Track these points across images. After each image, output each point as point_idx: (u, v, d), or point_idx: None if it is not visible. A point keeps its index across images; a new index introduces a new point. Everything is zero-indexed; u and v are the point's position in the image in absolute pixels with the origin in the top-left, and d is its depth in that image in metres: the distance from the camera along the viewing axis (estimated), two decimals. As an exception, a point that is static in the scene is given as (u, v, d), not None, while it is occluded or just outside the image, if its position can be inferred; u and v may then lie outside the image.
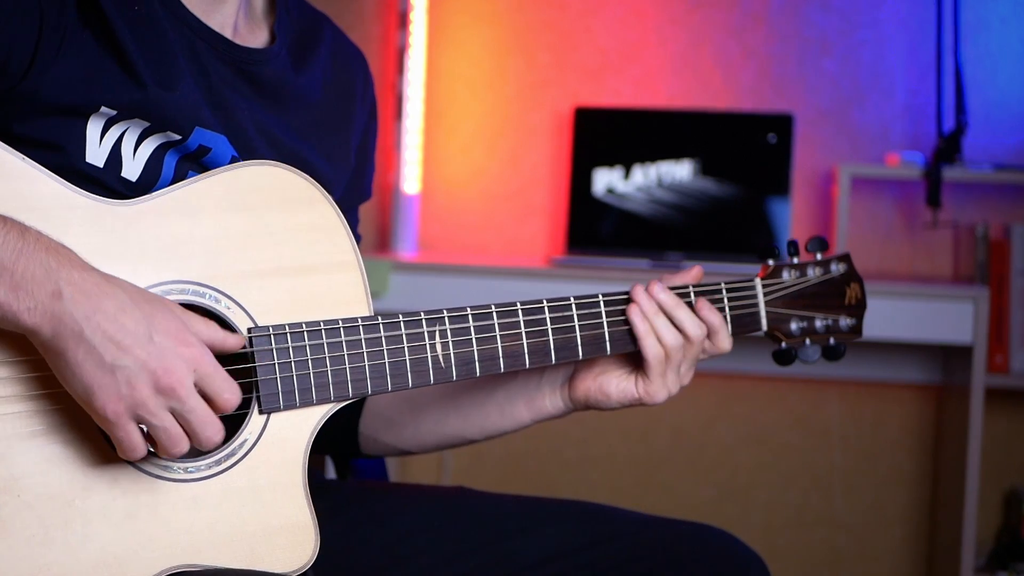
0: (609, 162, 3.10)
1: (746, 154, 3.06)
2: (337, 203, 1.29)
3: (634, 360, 1.43)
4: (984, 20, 3.07)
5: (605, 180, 3.10)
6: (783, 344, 1.47)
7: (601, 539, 1.40)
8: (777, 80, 3.17)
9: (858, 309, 1.50)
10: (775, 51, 3.17)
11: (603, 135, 3.13)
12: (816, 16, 3.16)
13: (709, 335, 1.41)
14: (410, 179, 3.19)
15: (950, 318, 2.76)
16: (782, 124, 3.03)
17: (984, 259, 2.99)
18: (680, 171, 3.08)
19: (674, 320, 1.39)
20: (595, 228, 3.10)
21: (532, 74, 3.24)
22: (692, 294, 1.42)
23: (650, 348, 1.38)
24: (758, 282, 1.46)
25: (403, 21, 3.18)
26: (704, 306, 1.41)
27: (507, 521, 1.43)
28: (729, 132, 3.08)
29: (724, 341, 1.42)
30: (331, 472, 1.80)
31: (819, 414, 3.21)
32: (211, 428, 1.13)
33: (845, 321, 1.49)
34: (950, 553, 2.92)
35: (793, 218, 3.09)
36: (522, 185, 3.26)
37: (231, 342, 1.18)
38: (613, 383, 1.42)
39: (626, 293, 1.40)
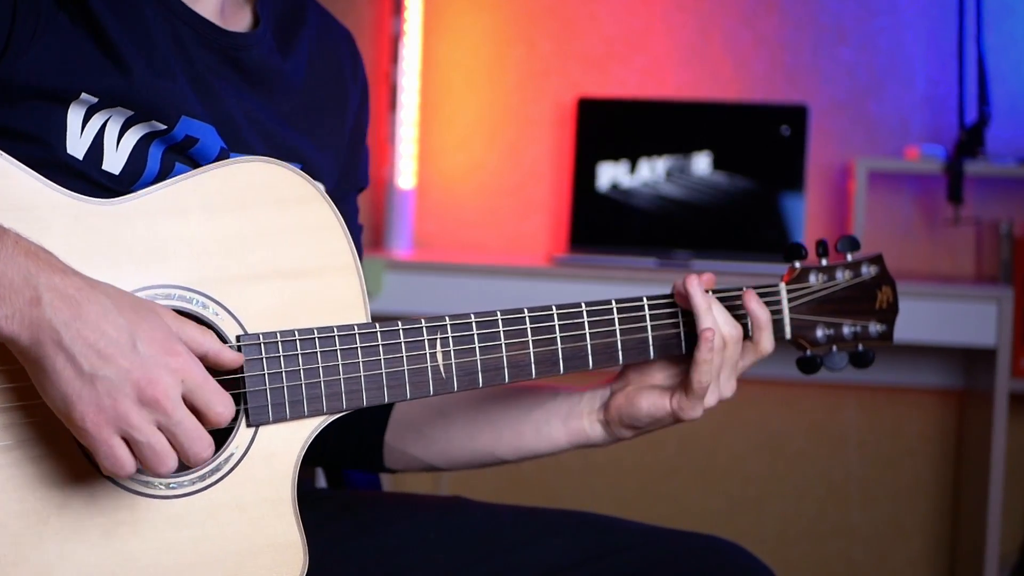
0: (614, 156, 3.10)
1: (758, 147, 3.05)
2: (330, 193, 1.27)
3: (670, 373, 1.41)
4: (1008, 6, 3.07)
5: (610, 175, 3.10)
6: (808, 352, 1.45)
7: (606, 551, 1.38)
8: (790, 69, 3.17)
9: (889, 314, 1.48)
10: (788, 39, 3.16)
11: (608, 127, 3.12)
12: (831, 2, 3.16)
13: (752, 334, 1.38)
14: (405, 174, 3.19)
15: (972, 319, 2.76)
16: (796, 116, 3.02)
17: (1008, 258, 2.98)
18: (688, 165, 3.07)
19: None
20: (599, 225, 3.09)
21: (533, 63, 3.24)
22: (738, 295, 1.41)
23: (704, 375, 1.35)
24: (783, 287, 1.43)
25: (397, 7, 3.18)
26: (752, 298, 1.38)
27: (507, 533, 1.41)
28: (740, 124, 3.08)
29: (767, 341, 1.39)
30: (321, 481, 1.79)
31: (835, 420, 3.21)
32: (199, 444, 1.10)
33: (875, 327, 1.47)
34: (972, 566, 2.92)
35: (807, 214, 3.08)
36: (522, 180, 3.25)
37: (226, 356, 1.16)
38: (644, 395, 1.40)
39: (640, 299, 1.37)
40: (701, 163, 3.08)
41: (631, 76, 3.21)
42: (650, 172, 3.09)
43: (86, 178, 1.21)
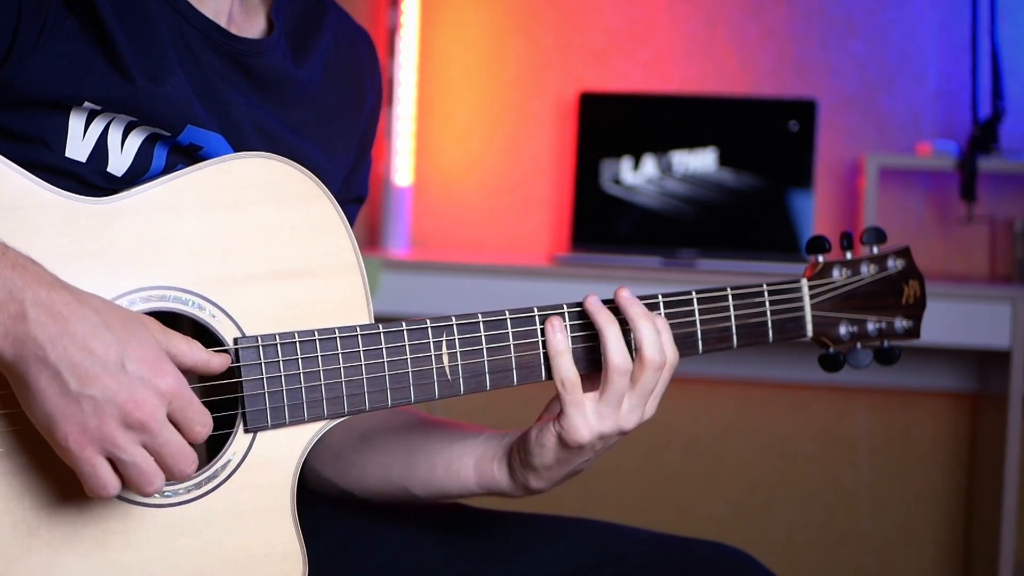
0: (617, 152, 3.09)
1: (765, 143, 3.06)
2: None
3: None
4: (1023, -2, 3.07)
5: (613, 171, 3.09)
6: (830, 349, 1.44)
7: (609, 559, 1.38)
8: (799, 63, 3.16)
9: (916, 309, 1.47)
10: (797, 31, 3.16)
11: (610, 123, 3.12)
12: (841, -7, 3.16)
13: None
14: (402, 170, 3.18)
15: (986, 320, 2.75)
16: (804, 111, 3.02)
17: (1023, 257, 2.97)
18: (694, 161, 3.07)
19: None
20: (602, 223, 3.09)
21: (534, 57, 3.23)
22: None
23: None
24: (804, 283, 1.42)
25: (394, -1, 3.17)
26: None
27: (508, 540, 1.41)
28: (747, 119, 3.07)
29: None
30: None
31: (844, 424, 3.20)
32: (184, 461, 1.11)
33: (901, 323, 1.46)
34: (986, 574, 2.91)
35: (816, 212, 3.08)
36: (523, 177, 3.25)
37: (215, 363, 1.16)
38: (537, 424, 1.32)
39: (655, 296, 1.35)
40: (707, 159, 3.07)
41: (635, 70, 3.20)
42: (654, 169, 3.08)
43: (85, 181, 1.20)
